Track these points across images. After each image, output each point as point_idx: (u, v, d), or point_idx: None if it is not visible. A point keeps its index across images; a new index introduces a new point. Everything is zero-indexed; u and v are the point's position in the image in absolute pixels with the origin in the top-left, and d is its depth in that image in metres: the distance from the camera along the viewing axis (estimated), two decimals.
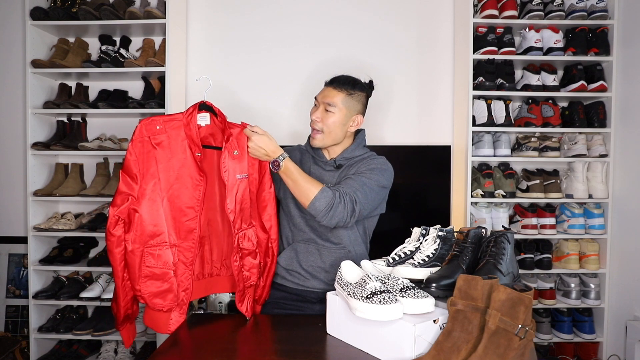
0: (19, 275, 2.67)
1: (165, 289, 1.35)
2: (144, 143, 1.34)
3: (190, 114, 1.39)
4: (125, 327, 1.45)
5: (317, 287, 1.53)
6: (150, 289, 1.35)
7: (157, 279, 1.34)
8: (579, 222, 2.40)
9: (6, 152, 2.65)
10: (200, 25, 2.59)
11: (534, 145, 2.41)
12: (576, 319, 2.45)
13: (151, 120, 1.36)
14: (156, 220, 1.34)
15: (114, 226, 1.32)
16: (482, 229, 1.27)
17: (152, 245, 1.34)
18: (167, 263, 1.35)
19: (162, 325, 1.38)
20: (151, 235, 1.34)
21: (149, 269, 1.34)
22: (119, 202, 1.32)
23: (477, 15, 2.42)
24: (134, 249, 1.33)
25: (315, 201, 1.39)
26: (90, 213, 2.54)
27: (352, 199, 1.42)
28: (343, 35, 2.58)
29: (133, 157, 1.33)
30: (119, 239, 1.32)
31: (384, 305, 1.01)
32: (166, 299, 1.35)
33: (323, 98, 1.54)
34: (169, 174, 1.35)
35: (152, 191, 1.34)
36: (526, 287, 1.00)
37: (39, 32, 2.46)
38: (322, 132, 1.54)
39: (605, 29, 2.38)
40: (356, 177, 1.48)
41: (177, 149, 1.36)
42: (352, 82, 1.55)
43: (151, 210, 1.34)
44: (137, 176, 1.33)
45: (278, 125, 2.51)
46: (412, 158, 2.48)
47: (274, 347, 1.21)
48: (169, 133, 1.36)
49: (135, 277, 1.34)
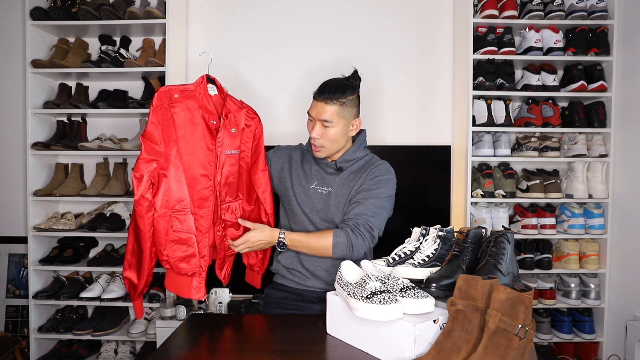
0: (19, 275, 2.67)
1: (190, 254, 1.39)
2: (164, 110, 1.36)
3: (199, 84, 1.42)
4: (140, 298, 1.47)
5: (317, 287, 1.53)
6: (177, 254, 1.38)
7: (183, 243, 1.38)
8: (579, 222, 2.40)
9: (6, 152, 2.65)
10: (200, 25, 2.59)
11: (534, 145, 2.41)
12: (576, 319, 2.45)
13: (168, 89, 1.39)
14: (181, 185, 1.37)
15: (147, 190, 1.33)
16: (482, 229, 1.27)
17: (178, 210, 1.37)
18: (191, 228, 1.38)
19: (185, 289, 1.42)
20: (177, 200, 1.37)
21: (176, 233, 1.37)
22: (144, 167, 1.33)
23: (477, 15, 2.42)
24: (163, 214, 1.35)
25: (335, 250, 1.43)
26: (90, 213, 2.54)
27: (367, 228, 1.45)
28: (343, 36, 2.58)
29: (155, 122, 1.35)
30: (150, 203, 1.34)
31: (384, 305, 1.01)
32: (190, 263, 1.39)
33: (317, 115, 1.48)
34: (185, 142, 1.38)
35: (175, 157, 1.37)
36: (526, 287, 1.00)
37: (39, 32, 2.46)
38: (324, 147, 1.52)
39: (605, 29, 2.38)
40: (364, 201, 1.48)
41: (192, 118, 1.39)
42: (342, 89, 1.48)
43: (176, 175, 1.37)
44: (160, 142, 1.36)
45: (278, 125, 2.51)
46: (412, 158, 2.48)
47: (274, 347, 1.21)
48: (185, 102, 1.39)
49: (161, 241, 1.37)
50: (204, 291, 1.43)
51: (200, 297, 1.43)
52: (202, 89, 1.42)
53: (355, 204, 1.49)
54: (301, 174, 1.60)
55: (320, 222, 1.53)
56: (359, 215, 1.46)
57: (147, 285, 1.45)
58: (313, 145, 1.54)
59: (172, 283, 1.45)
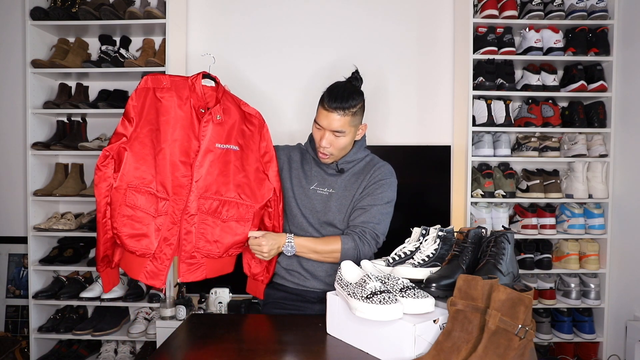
0: (19, 275, 2.67)
1: (141, 233, 1.37)
2: (147, 92, 1.40)
3: (195, 77, 1.44)
4: (105, 271, 1.48)
5: (317, 287, 1.53)
6: (126, 229, 1.37)
7: (136, 220, 1.37)
8: (579, 222, 2.40)
9: (6, 152, 2.65)
10: (200, 25, 2.59)
11: (534, 145, 2.41)
12: (576, 319, 2.45)
13: (158, 77, 1.42)
14: (144, 164, 1.38)
15: (103, 161, 1.37)
16: (482, 229, 1.27)
17: (136, 186, 1.37)
18: (148, 208, 1.37)
19: (135, 270, 1.40)
20: (137, 177, 1.38)
21: (129, 209, 1.37)
22: (114, 140, 1.39)
23: (477, 15, 2.42)
24: (118, 186, 1.37)
25: (343, 257, 1.43)
26: (90, 213, 2.54)
27: (372, 235, 1.47)
28: (342, 36, 2.58)
29: (134, 102, 1.40)
30: (105, 174, 1.38)
31: (384, 305, 1.01)
32: (140, 243, 1.37)
33: (328, 125, 1.44)
34: (168, 128, 1.38)
35: (146, 136, 1.39)
36: (526, 287, 0.99)
37: (39, 32, 2.46)
38: (333, 155, 1.51)
39: (605, 29, 2.38)
40: (370, 208, 1.48)
41: (181, 105, 1.40)
42: (351, 97, 1.44)
43: (141, 152, 1.38)
44: (132, 119, 1.39)
45: (278, 125, 2.50)
46: (412, 158, 2.48)
47: (274, 347, 1.21)
48: (174, 90, 1.41)
49: (115, 214, 1.38)
50: (163, 280, 1.39)
51: (156, 284, 1.39)
52: (196, 80, 1.44)
53: (360, 210, 1.50)
54: (301, 175, 1.60)
55: (319, 223, 1.53)
56: (365, 223, 1.47)
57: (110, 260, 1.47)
58: (321, 153, 1.52)
59: (124, 261, 1.46)
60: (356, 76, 1.52)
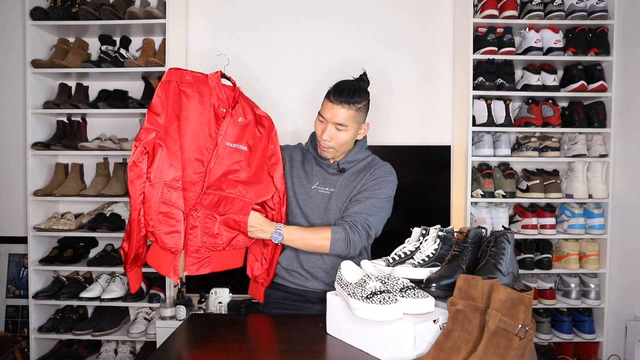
0: (19, 275, 2.67)
1: (176, 230, 1.37)
2: (172, 85, 1.38)
3: (215, 76, 1.44)
4: (133, 270, 1.46)
5: (317, 288, 1.53)
6: (164, 227, 1.36)
7: (171, 217, 1.37)
8: (579, 222, 2.40)
9: (6, 152, 2.65)
10: (200, 25, 2.59)
11: (534, 145, 2.41)
12: (576, 319, 2.45)
13: (181, 71, 1.40)
14: (176, 159, 1.36)
15: (140, 156, 1.33)
16: (482, 229, 1.27)
17: (170, 183, 1.36)
18: (180, 204, 1.37)
19: (166, 266, 1.39)
20: (171, 174, 1.36)
21: (166, 205, 1.36)
22: (144, 136, 1.34)
23: (477, 15, 2.42)
24: (154, 183, 1.35)
25: (333, 246, 1.42)
26: (90, 213, 2.54)
27: (364, 226, 1.44)
28: (342, 36, 2.58)
29: (161, 96, 1.37)
30: (141, 171, 1.34)
31: (384, 305, 1.01)
32: (174, 240, 1.37)
33: (332, 118, 1.46)
34: (188, 123, 1.37)
35: (175, 132, 1.37)
36: (526, 287, 0.99)
37: (39, 32, 2.46)
38: (333, 149, 1.51)
39: (605, 29, 2.38)
40: (365, 200, 1.47)
41: (202, 101, 1.39)
42: (358, 93, 1.46)
43: (173, 148, 1.36)
44: (162, 114, 1.36)
45: (280, 125, 2.49)
46: (412, 158, 2.48)
47: (274, 347, 1.21)
48: (197, 86, 1.40)
49: (150, 211, 1.36)
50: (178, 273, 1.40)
51: (175, 279, 1.39)
52: (216, 79, 1.43)
53: (355, 202, 1.49)
54: (302, 175, 1.60)
55: (320, 222, 1.53)
56: (357, 213, 1.46)
57: (141, 259, 1.44)
58: (321, 146, 1.52)
59: (154, 257, 1.43)
60: (364, 78, 1.55)
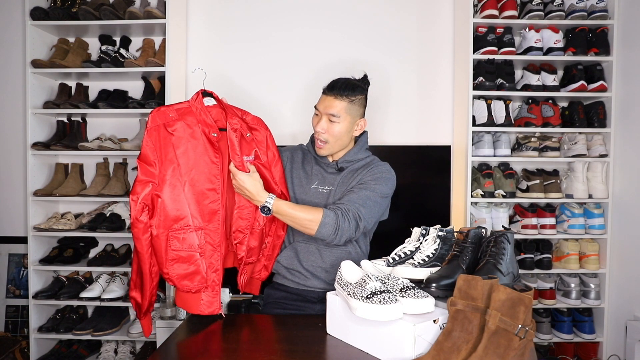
0: (19, 275, 2.67)
1: (192, 271, 1.38)
2: (159, 130, 1.37)
3: (195, 100, 1.42)
4: (147, 317, 1.46)
5: (317, 287, 1.53)
6: (178, 272, 1.37)
7: (184, 261, 1.37)
8: (579, 222, 2.40)
9: (6, 152, 2.65)
10: (200, 25, 2.59)
11: (534, 145, 2.41)
12: (576, 319, 2.45)
13: (163, 110, 1.39)
14: (178, 204, 1.36)
15: (141, 213, 1.33)
16: (482, 229, 1.27)
17: (177, 230, 1.36)
18: (193, 246, 1.37)
19: (193, 305, 1.41)
20: (175, 219, 1.36)
21: (175, 252, 1.36)
22: (140, 189, 1.34)
23: (477, 15, 2.42)
24: (159, 234, 1.35)
25: (321, 228, 1.40)
26: (90, 213, 2.54)
27: (355, 216, 1.43)
28: (342, 36, 2.57)
29: (150, 144, 1.35)
30: (146, 225, 1.34)
31: (384, 305, 1.01)
32: (194, 281, 1.38)
33: (325, 109, 1.50)
34: (187, 159, 1.37)
35: (172, 176, 1.36)
36: (526, 287, 1.00)
37: (39, 32, 2.46)
38: (328, 142, 1.52)
39: (605, 29, 2.38)
40: (359, 191, 1.47)
41: (193, 133, 1.39)
42: (352, 87, 1.50)
43: (172, 195, 1.36)
44: (155, 163, 1.35)
45: (279, 126, 2.50)
46: (412, 158, 2.48)
47: (274, 347, 1.21)
48: (183, 119, 1.39)
49: (162, 260, 1.37)
50: (219, 305, 1.41)
51: (213, 311, 1.41)
52: (199, 104, 1.41)
53: (349, 192, 1.49)
54: (302, 175, 1.61)
55: None
56: (350, 201, 1.45)
57: (152, 305, 1.45)
58: (317, 140, 1.54)
59: (180, 299, 1.45)
60: (364, 79, 1.57)
